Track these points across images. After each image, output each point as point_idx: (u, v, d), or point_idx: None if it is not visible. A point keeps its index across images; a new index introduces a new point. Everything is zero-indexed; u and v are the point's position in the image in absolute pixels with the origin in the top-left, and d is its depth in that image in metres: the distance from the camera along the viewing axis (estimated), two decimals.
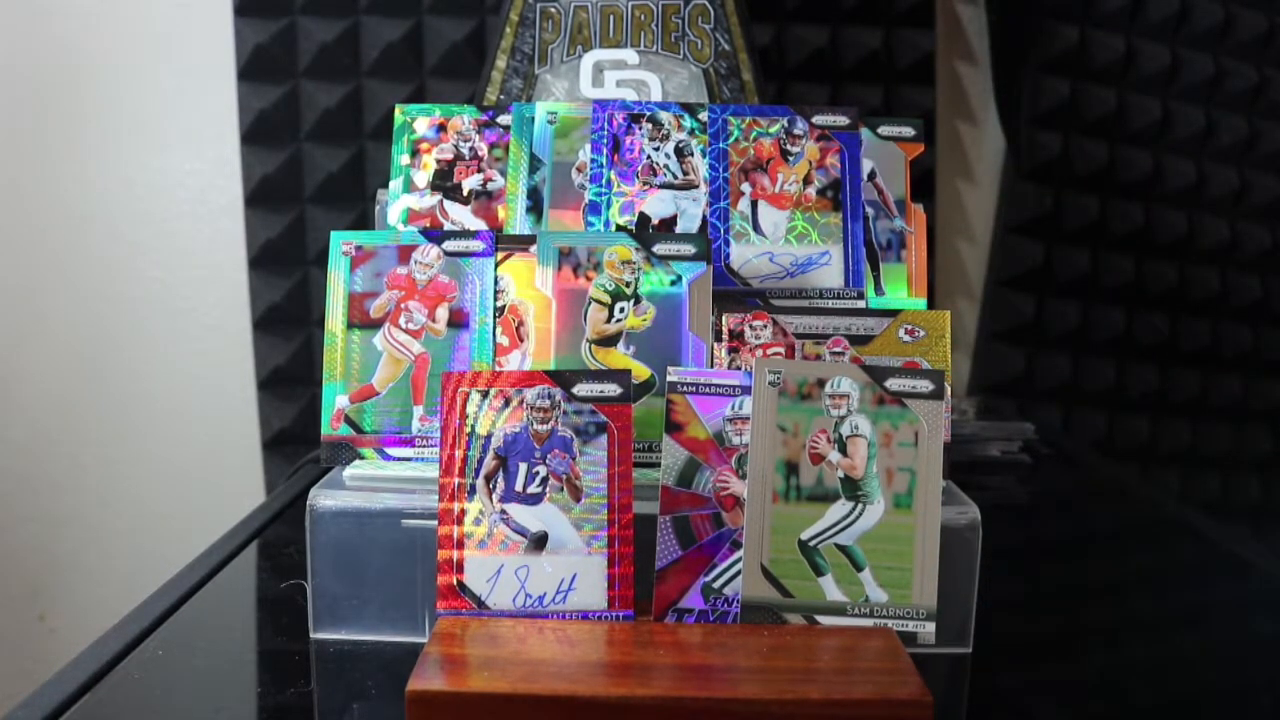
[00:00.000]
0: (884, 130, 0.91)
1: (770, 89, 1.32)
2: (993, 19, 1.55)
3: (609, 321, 0.82)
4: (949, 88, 1.60)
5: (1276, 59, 1.62)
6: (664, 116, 0.89)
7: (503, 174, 0.90)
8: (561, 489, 0.74)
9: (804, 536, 0.74)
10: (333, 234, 0.84)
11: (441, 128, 0.92)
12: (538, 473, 0.74)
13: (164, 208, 1.55)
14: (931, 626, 0.75)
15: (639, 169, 0.88)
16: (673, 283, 0.82)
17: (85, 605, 1.60)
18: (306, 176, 1.49)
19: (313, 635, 0.78)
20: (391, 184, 0.91)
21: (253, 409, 1.54)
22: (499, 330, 0.82)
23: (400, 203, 0.90)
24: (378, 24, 1.47)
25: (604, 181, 0.88)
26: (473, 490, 0.74)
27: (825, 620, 0.75)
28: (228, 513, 1.12)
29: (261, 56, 1.46)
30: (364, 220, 1.48)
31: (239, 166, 1.50)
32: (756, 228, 0.87)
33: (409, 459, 0.82)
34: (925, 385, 0.75)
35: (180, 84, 1.53)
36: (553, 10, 1.06)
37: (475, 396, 0.74)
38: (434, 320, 0.83)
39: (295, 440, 1.52)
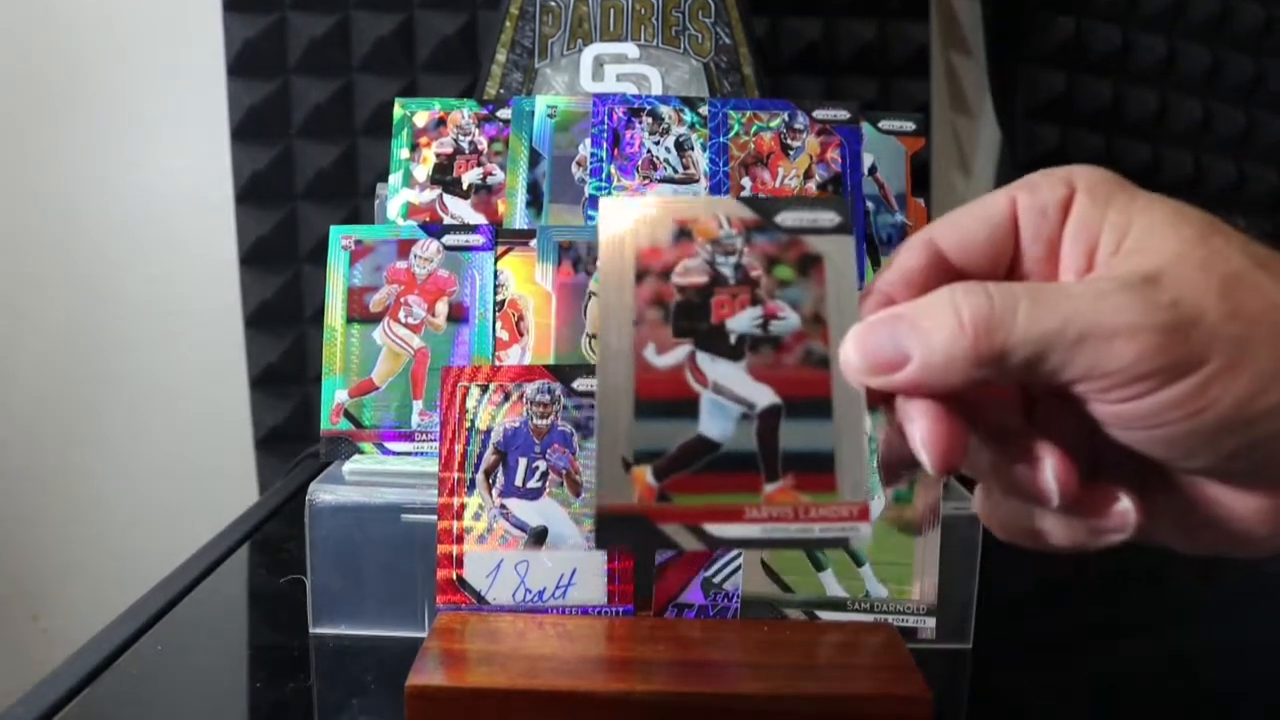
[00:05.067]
0: (884, 125, 0.91)
1: (765, 82, 1.32)
2: (988, 11, 1.55)
3: None
4: (944, 80, 1.60)
5: (1274, 50, 1.62)
6: (664, 110, 0.89)
7: (502, 168, 0.90)
8: (561, 484, 0.74)
9: None
10: (332, 228, 0.84)
11: (441, 121, 0.91)
12: (537, 467, 0.74)
13: (154, 205, 1.54)
14: (932, 622, 0.75)
15: (639, 163, 0.88)
16: None
17: (78, 606, 1.60)
18: (297, 173, 1.48)
19: (312, 630, 0.78)
20: (391, 178, 0.90)
21: (245, 407, 1.53)
22: (499, 325, 0.82)
23: (400, 197, 0.90)
24: (368, 18, 1.46)
25: (604, 176, 0.88)
26: (472, 485, 0.74)
27: (825, 615, 0.75)
28: (221, 511, 1.11)
29: (251, 52, 1.45)
30: (356, 216, 1.47)
31: (229, 163, 1.49)
32: None
33: (408, 454, 0.81)
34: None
35: (169, 80, 1.52)
36: (553, 4, 1.06)
37: (475, 391, 0.74)
38: (433, 315, 0.82)
39: (288, 438, 1.51)
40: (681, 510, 0.44)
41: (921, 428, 0.41)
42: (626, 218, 0.47)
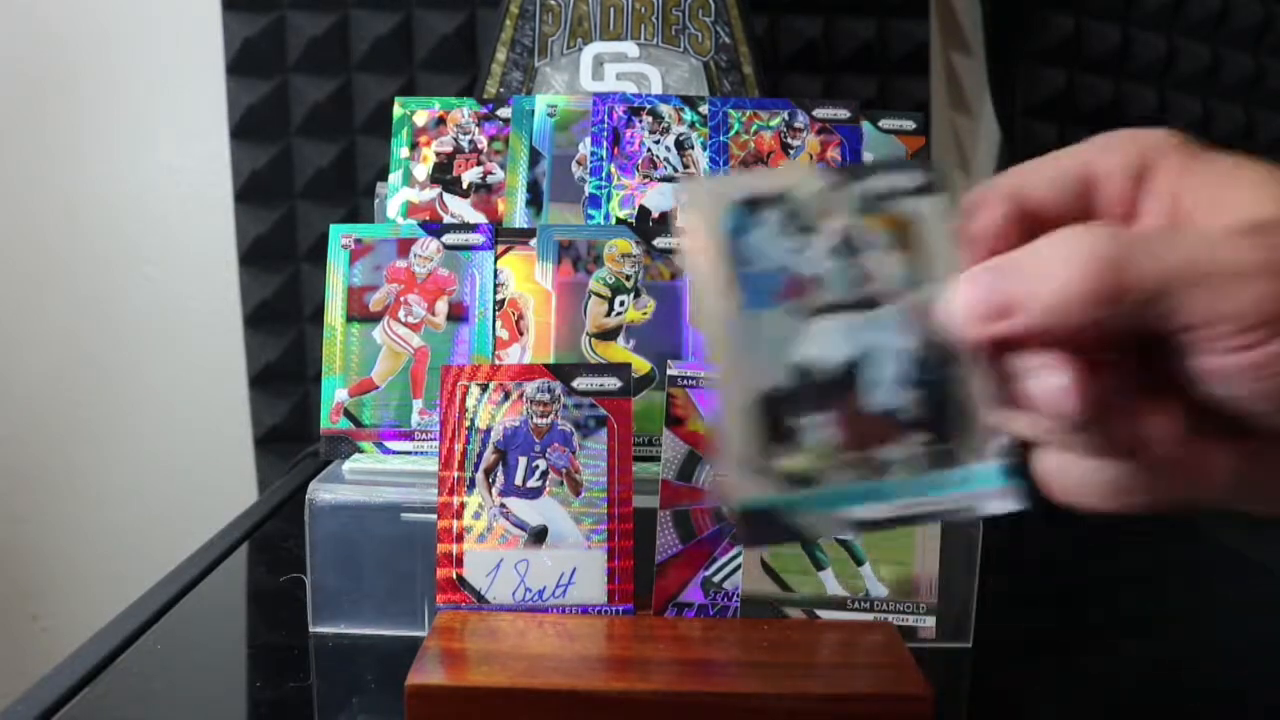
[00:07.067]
0: (885, 124, 0.91)
1: (765, 81, 1.32)
2: (987, 9, 1.55)
3: (609, 315, 0.81)
4: (944, 78, 1.60)
5: (1273, 48, 1.62)
6: (664, 109, 0.89)
7: (502, 167, 0.90)
8: (561, 483, 0.74)
9: None
10: (332, 227, 0.84)
11: (441, 120, 0.91)
12: (537, 466, 0.74)
13: (154, 204, 1.54)
14: (932, 621, 0.75)
15: (639, 162, 0.88)
16: (673, 276, 0.82)
17: (78, 606, 1.60)
18: (297, 172, 1.48)
19: (312, 629, 0.78)
20: (391, 177, 0.90)
21: (244, 406, 1.53)
22: (499, 324, 0.82)
23: (400, 196, 0.90)
24: (367, 17, 1.46)
25: (604, 175, 0.88)
26: (472, 484, 0.74)
27: (825, 615, 0.75)
28: (220, 511, 1.11)
29: (250, 51, 1.45)
30: (355, 215, 1.47)
31: (229, 162, 1.49)
32: None
33: (408, 453, 0.81)
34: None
35: (169, 79, 1.52)
36: (553, 3, 1.06)
37: (474, 390, 0.74)
38: (433, 314, 0.82)
39: (287, 437, 1.51)
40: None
41: (1056, 373, 0.40)
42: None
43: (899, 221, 0.45)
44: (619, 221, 0.87)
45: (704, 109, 0.89)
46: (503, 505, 0.74)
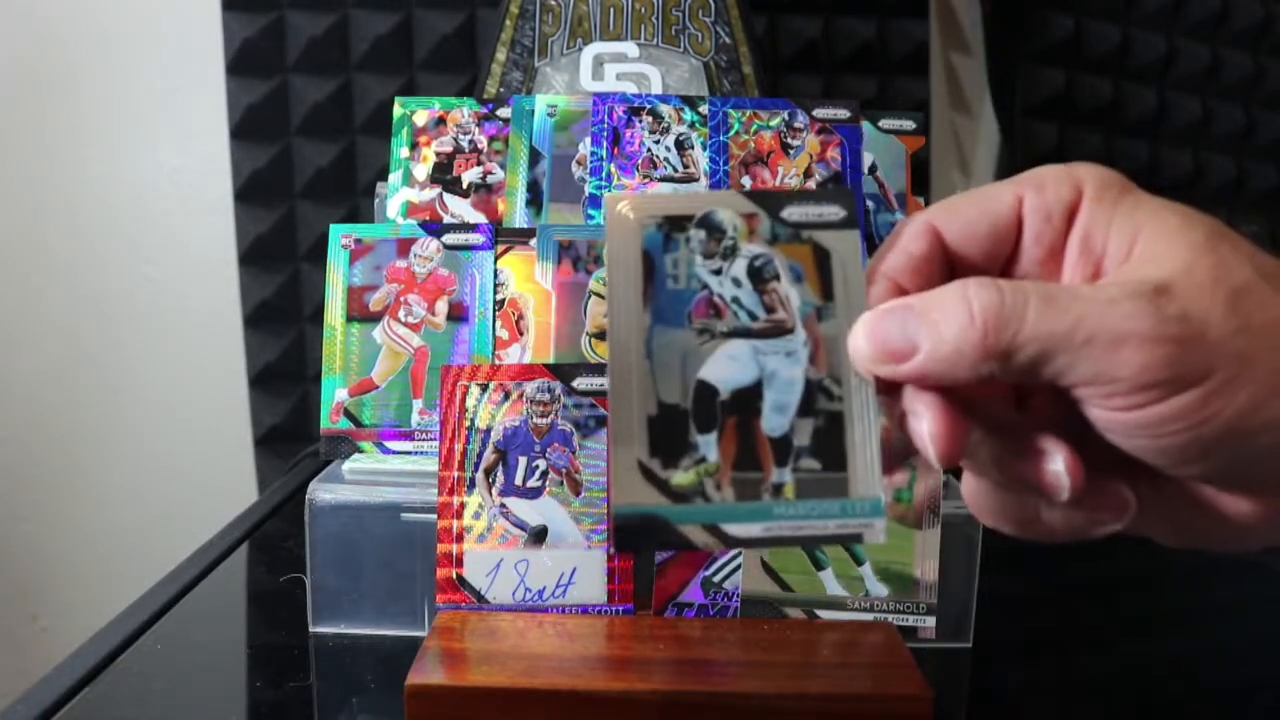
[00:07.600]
0: (885, 124, 0.91)
1: (765, 81, 1.32)
2: (987, 9, 1.55)
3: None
4: (944, 78, 1.60)
5: (1273, 48, 1.62)
6: (664, 109, 0.89)
7: (502, 167, 0.90)
8: (561, 483, 0.74)
9: None
10: (332, 227, 0.83)
11: (441, 120, 0.91)
12: (537, 466, 0.74)
13: (153, 204, 1.54)
14: (931, 621, 0.75)
15: (639, 162, 0.88)
16: None
17: (78, 606, 1.60)
18: (296, 171, 1.48)
19: (311, 629, 0.78)
20: (391, 177, 0.90)
21: (244, 406, 1.53)
22: (499, 324, 0.82)
23: (399, 196, 0.90)
24: (367, 17, 1.46)
25: (604, 174, 0.88)
26: (472, 484, 0.74)
27: (825, 615, 0.75)
28: (220, 511, 1.11)
29: (250, 50, 1.45)
30: (355, 215, 1.47)
31: (228, 162, 1.49)
32: None
33: (408, 453, 0.81)
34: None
35: (168, 80, 1.52)
36: (553, 3, 1.06)
37: (475, 390, 0.74)
38: (433, 314, 0.82)
39: (287, 437, 1.51)
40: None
41: (928, 420, 0.41)
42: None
43: (814, 252, 0.46)
44: None
45: (704, 109, 0.89)
46: (503, 505, 0.74)
